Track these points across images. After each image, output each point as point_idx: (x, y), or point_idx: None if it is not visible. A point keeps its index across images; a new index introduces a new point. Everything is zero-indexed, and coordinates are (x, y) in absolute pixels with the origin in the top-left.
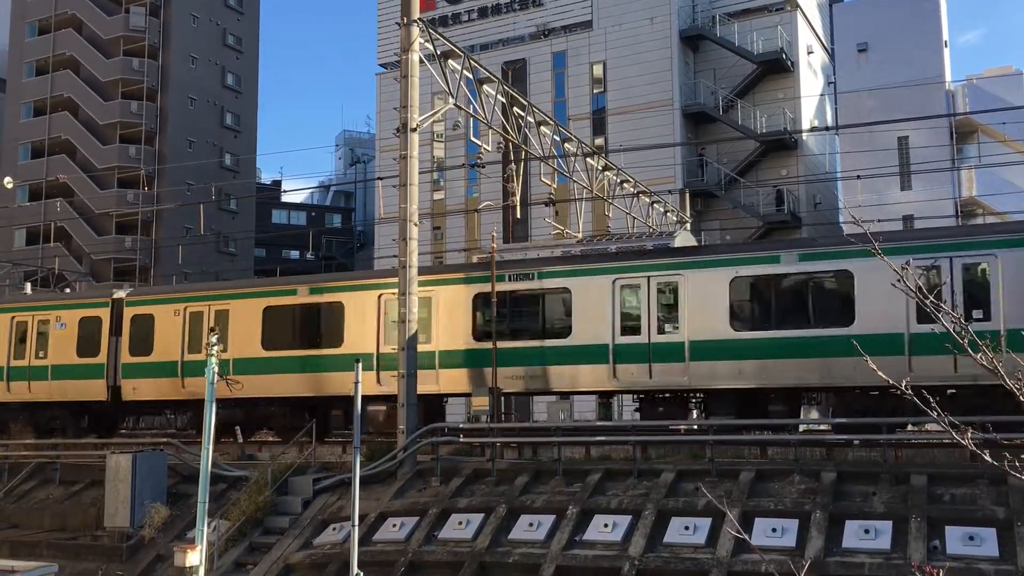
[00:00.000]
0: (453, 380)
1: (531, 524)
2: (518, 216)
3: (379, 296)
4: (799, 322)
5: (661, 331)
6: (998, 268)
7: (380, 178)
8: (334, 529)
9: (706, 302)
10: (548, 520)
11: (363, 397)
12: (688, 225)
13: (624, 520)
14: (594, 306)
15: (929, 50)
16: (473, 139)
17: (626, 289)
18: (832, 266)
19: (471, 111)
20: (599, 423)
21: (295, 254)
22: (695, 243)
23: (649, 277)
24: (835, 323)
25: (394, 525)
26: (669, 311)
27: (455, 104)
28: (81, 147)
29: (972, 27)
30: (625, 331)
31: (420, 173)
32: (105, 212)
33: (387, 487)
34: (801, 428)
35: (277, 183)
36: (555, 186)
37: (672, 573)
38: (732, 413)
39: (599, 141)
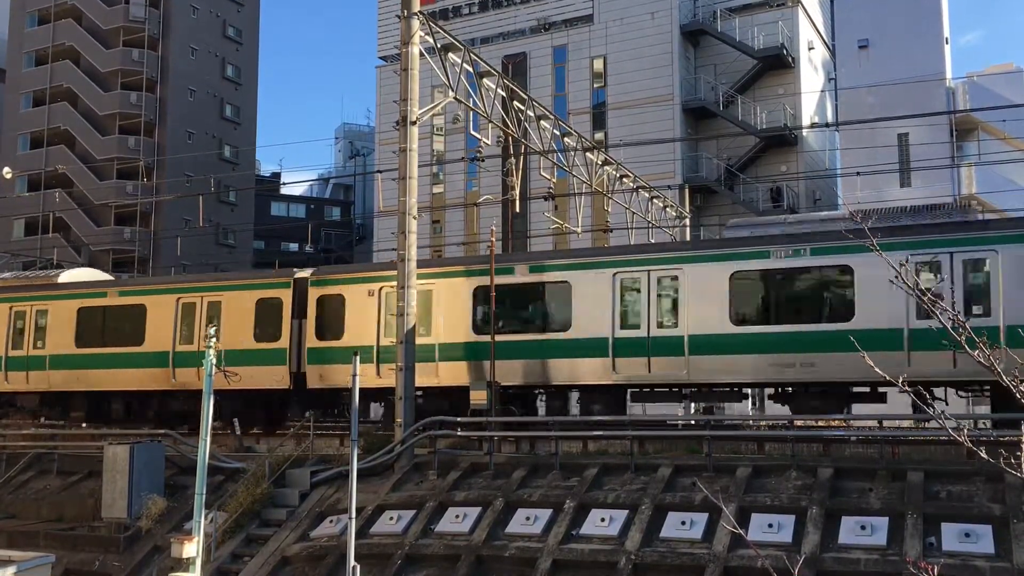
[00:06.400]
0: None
1: (528, 518)
2: (517, 210)
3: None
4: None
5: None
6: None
7: (379, 171)
8: (331, 522)
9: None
10: (545, 514)
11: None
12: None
13: (621, 514)
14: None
15: (930, 47)
16: (473, 133)
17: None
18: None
19: (471, 105)
20: (597, 417)
21: (294, 246)
22: None
23: None
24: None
25: (391, 518)
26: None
27: (455, 98)
28: (80, 138)
29: (972, 28)
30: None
31: (419, 166)
32: (104, 203)
33: (385, 480)
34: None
35: (276, 175)
36: (555, 180)
37: (668, 568)
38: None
39: (599, 136)
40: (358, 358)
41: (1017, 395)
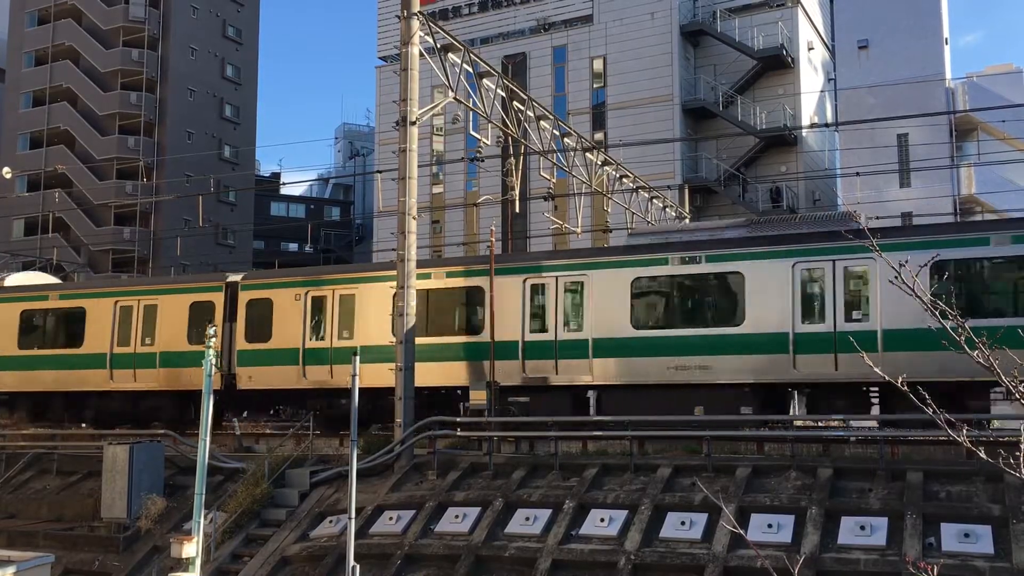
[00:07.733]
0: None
1: (528, 518)
2: (517, 210)
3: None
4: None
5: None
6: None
7: (379, 171)
8: (331, 521)
9: None
10: (545, 514)
11: None
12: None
13: (620, 514)
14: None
15: (930, 47)
16: (472, 133)
17: None
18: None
19: (471, 105)
20: (596, 418)
21: (294, 246)
22: None
23: None
24: None
25: (391, 518)
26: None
27: (455, 98)
28: (80, 137)
29: (972, 29)
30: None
31: (419, 167)
32: (104, 203)
33: (384, 480)
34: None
35: (276, 175)
36: (554, 181)
37: (668, 568)
38: None
39: (599, 136)
40: (358, 358)
41: (1017, 395)
